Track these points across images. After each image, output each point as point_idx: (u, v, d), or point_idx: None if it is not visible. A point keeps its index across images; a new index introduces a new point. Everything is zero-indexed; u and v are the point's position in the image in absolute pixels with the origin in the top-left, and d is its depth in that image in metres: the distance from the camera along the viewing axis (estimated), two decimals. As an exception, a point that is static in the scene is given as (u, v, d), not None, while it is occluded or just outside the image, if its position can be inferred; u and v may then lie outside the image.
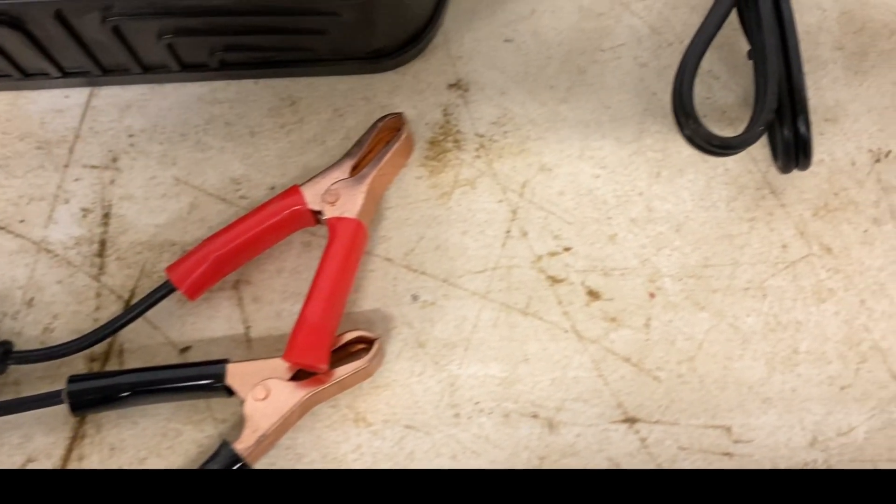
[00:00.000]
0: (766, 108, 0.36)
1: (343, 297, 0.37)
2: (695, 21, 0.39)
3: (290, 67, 0.41)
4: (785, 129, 0.37)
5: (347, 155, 0.39)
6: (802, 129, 0.37)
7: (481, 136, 0.41)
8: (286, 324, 0.38)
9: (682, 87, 0.36)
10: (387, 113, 0.40)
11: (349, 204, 0.37)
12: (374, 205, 0.39)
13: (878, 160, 0.40)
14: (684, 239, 0.39)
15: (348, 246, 0.36)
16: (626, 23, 0.42)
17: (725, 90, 0.41)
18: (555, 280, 0.39)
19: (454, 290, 0.39)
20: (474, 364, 0.38)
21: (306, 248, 0.39)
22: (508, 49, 0.42)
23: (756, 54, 0.38)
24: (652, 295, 0.38)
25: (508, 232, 0.39)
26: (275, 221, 0.38)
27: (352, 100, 0.41)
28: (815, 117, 0.40)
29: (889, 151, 0.40)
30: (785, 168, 0.38)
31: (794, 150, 0.37)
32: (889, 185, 0.39)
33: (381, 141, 0.39)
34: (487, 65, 0.42)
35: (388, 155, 0.38)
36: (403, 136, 0.39)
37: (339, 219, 0.37)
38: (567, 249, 0.39)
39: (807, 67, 0.41)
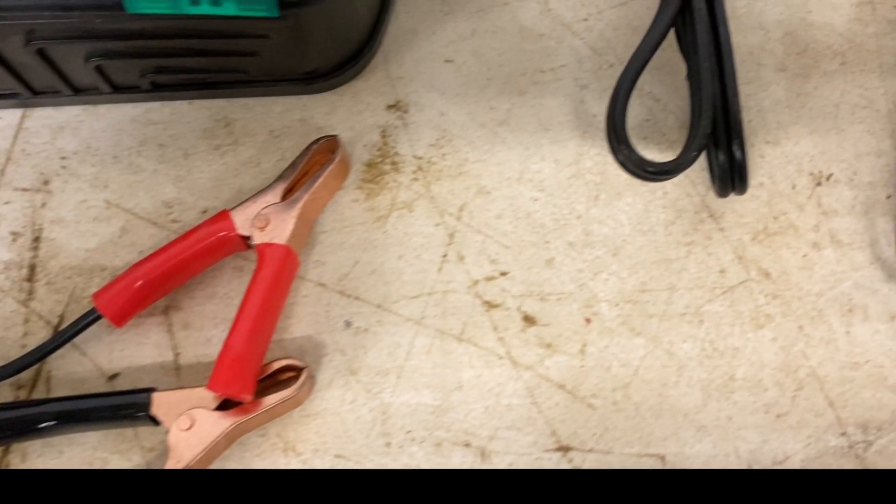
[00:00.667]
0: (700, 132, 0.36)
1: (270, 326, 0.36)
2: (636, 42, 0.38)
3: (224, 89, 0.40)
4: (720, 153, 0.36)
5: (280, 178, 0.38)
6: (738, 153, 0.36)
7: (420, 158, 0.40)
8: (216, 351, 0.37)
9: (615, 113, 0.36)
10: (322, 135, 0.39)
11: (279, 230, 0.37)
12: (307, 229, 0.38)
13: (818, 184, 0.39)
14: (622, 263, 0.39)
15: (276, 273, 0.36)
16: (567, 44, 0.42)
17: (666, 112, 0.41)
18: (491, 305, 0.38)
19: (388, 316, 0.38)
20: (407, 392, 0.37)
21: (238, 273, 0.39)
22: (449, 70, 0.42)
23: (692, 77, 0.37)
24: (588, 320, 0.38)
25: (445, 256, 0.39)
26: (204, 247, 0.37)
27: (288, 121, 0.41)
28: (755, 140, 0.40)
29: (830, 175, 0.40)
30: (722, 193, 0.37)
31: (729, 175, 0.37)
32: (829, 210, 0.39)
33: (315, 164, 0.39)
34: (427, 85, 0.41)
35: (321, 179, 0.38)
36: (338, 160, 0.38)
37: (267, 245, 0.36)
38: (504, 274, 0.39)
39: (748, 89, 0.41)
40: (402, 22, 0.42)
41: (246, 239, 0.37)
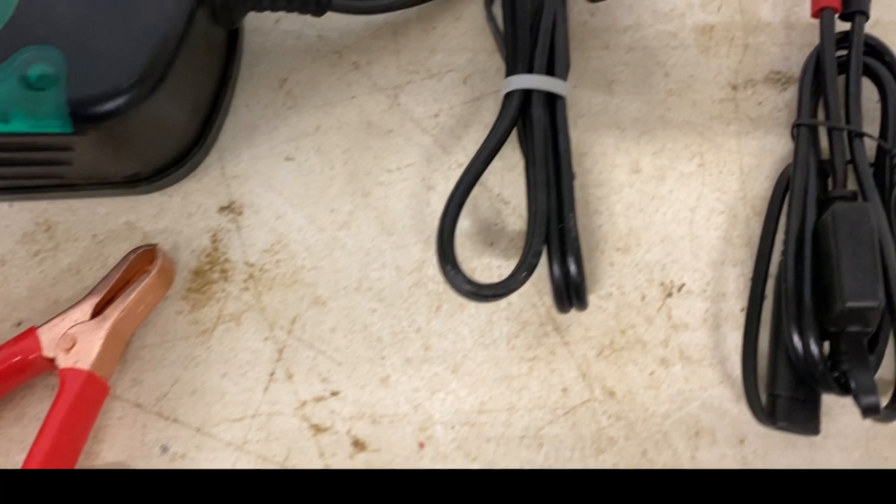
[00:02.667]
0: (531, 251, 0.34)
1: (68, 458, 0.33)
2: (485, 141, 0.37)
3: (44, 191, 0.38)
4: (556, 268, 0.35)
5: (91, 293, 0.36)
6: (573, 270, 0.34)
7: (251, 265, 0.38)
8: (19, 480, 0.34)
9: (443, 229, 0.34)
10: (141, 244, 0.37)
11: (84, 352, 0.34)
12: (120, 348, 0.36)
13: (669, 294, 0.38)
14: (461, 381, 0.36)
15: (74, 403, 0.33)
16: (416, 141, 0.40)
17: (515, 216, 0.39)
18: (318, 429, 0.36)
19: (208, 441, 0.36)
20: (223, 524, 0.35)
21: (51, 393, 0.36)
22: (289, 168, 0.39)
23: (528, 190, 0.35)
24: (422, 445, 0.36)
25: (272, 374, 0.37)
26: (7, 368, 0.34)
27: (113, 225, 0.38)
28: (605, 246, 0.38)
29: (682, 285, 0.38)
30: (560, 309, 0.35)
31: (565, 292, 0.35)
32: (680, 323, 0.37)
33: (134, 275, 0.36)
34: (265, 185, 0.39)
35: (136, 294, 0.35)
36: (155, 272, 0.36)
37: (69, 370, 0.34)
38: (335, 394, 0.36)
39: (600, 192, 0.39)
40: (241, 116, 0.40)
41: (52, 361, 0.34)
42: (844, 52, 0.39)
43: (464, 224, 0.38)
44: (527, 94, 0.36)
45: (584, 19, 0.41)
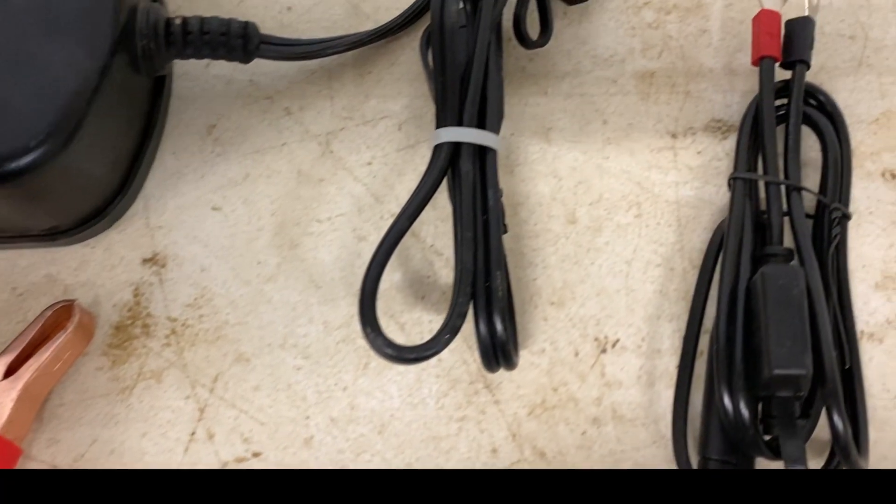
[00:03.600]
0: (456, 311, 0.33)
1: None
2: (418, 191, 0.36)
3: (-40, 242, 0.37)
4: (482, 327, 0.34)
5: (4, 351, 0.35)
6: (500, 329, 0.33)
7: (174, 320, 0.37)
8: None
9: (365, 287, 0.33)
10: (63, 298, 0.36)
11: (-7, 415, 0.33)
12: (34, 408, 0.35)
13: (604, 350, 0.37)
14: (387, 442, 0.35)
15: (-22, 470, 0.32)
16: (347, 190, 0.39)
17: (448, 268, 0.38)
18: (239, 491, 0.35)
19: (124, 505, 0.35)
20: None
21: (-38, 454, 0.35)
22: (215, 218, 0.38)
23: (454, 248, 0.34)
24: (345, 508, 0.35)
25: (193, 434, 0.35)
26: (-86, 431, 0.33)
27: (34, 277, 0.37)
28: (539, 300, 0.37)
29: (617, 341, 0.37)
30: (488, 369, 0.34)
31: (492, 352, 0.34)
32: (613, 380, 0.36)
33: (54, 330, 0.35)
34: (190, 236, 0.38)
35: (52, 351, 0.34)
36: (73, 328, 0.35)
37: (-24, 435, 0.33)
38: (256, 455, 0.35)
39: (535, 243, 0.38)
40: (167, 164, 0.39)
41: (-39, 423, 0.33)
42: (786, 101, 0.38)
43: (394, 277, 0.38)
44: (456, 146, 0.35)
45: (523, 65, 0.40)
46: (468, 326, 0.33)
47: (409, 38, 0.41)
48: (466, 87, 0.36)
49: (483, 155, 0.36)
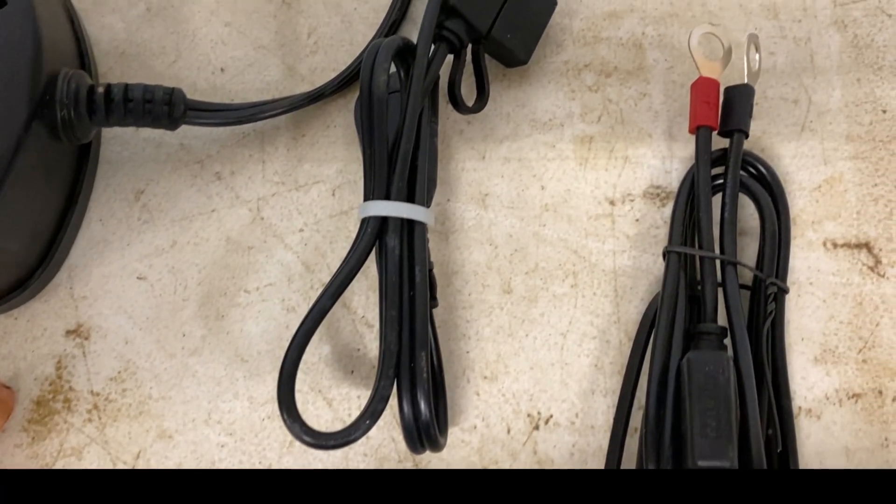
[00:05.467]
0: (378, 395, 0.32)
1: None
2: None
3: None
4: (406, 408, 0.33)
5: (-85, 433, 0.34)
6: (424, 412, 0.33)
7: (97, 394, 0.36)
8: None
9: (283, 374, 0.32)
10: (-21, 374, 0.35)
11: None
12: (-55, 491, 0.34)
13: (536, 427, 0.36)
14: (311, 523, 0.35)
15: None
16: (277, 258, 0.38)
17: (378, 341, 0.37)
18: (157, 576, 0.34)
19: (37, 590, 0.34)
20: None
21: None
22: (140, 288, 0.37)
23: (379, 327, 0.34)
24: None
25: (112, 515, 0.35)
26: None
27: (-48, 350, 0.36)
28: (472, 374, 0.37)
29: (550, 417, 0.36)
30: (413, 451, 0.34)
31: (416, 435, 0.33)
32: (545, 458, 0.35)
33: (-33, 408, 0.35)
34: (114, 307, 0.37)
35: (-36, 432, 0.34)
36: (-13, 407, 0.34)
37: None
38: (176, 537, 0.34)
39: (469, 314, 0.37)
40: (93, 231, 0.38)
41: None
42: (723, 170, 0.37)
43: (323, 350, 0.37)
44: (383, 220, 0.34)
45: (461, 128, 0.40)
46: (396, 402, 0.33)
47: (346, 100, 0.40)
48: (395, 158, 0.35)
49: (411, 229, 0.35)
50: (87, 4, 0.40)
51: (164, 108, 0.36)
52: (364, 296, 0.37)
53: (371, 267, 0.36)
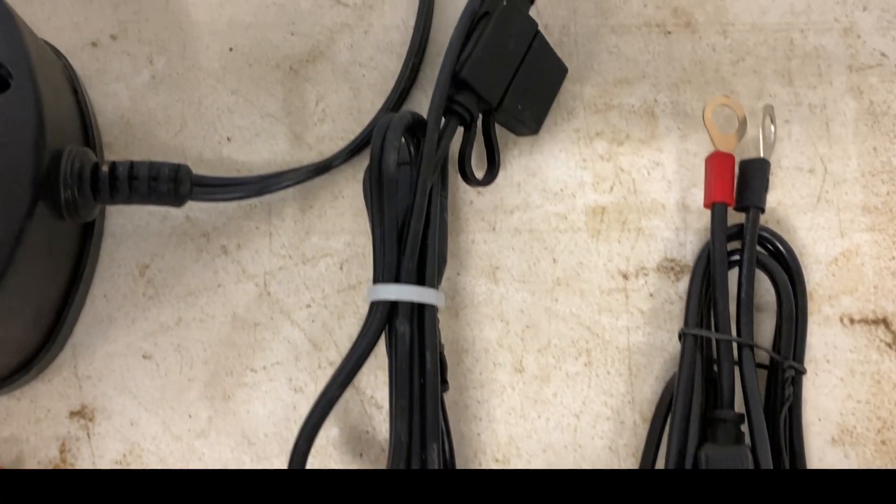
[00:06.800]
0: (388, 490, 0.31)
1: None
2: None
3: None
4: None
5: (-85, 525, 0.33)
6: None
7: (100, 479, 0.35)
8: None
9: (292, 464, 0.31)
10: (-20, 460, 0.34)
11: None
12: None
13: (549, 512, 0.35)
14: None
15: None
16: (284, 335, 0.37)
17: (388, 422, 0.36)
18: None
19: None
20: None
21: None
22: (146, 367, 0.37)
23: (389, 417, 0.33)
24: None
25: None
26: None
27: (-47, 433, 0.36)
28: (483, 457, 0.36)
29: (562, 501, 0.35)
30: (425, 543, 0.33)
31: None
32: (558, 545, 0.35)
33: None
34: (119, 387, 0.36)
35: (-35, 524, 0.33)
36: (-11, 498, 0.33)
37: None
38: None
39: (480, 394, 0.37)
40: (98, 308, 0.37)
41: None
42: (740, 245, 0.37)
43: (331, 432, 0.36)
44: (393, 304, 0.34)
45: (471, 199, 0.39)
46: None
47: (354, 170, 0.39)
48: (405, 238, 0.34)
49: (422, 312, 0.34)
50: (91, 72, 0.40)
51: (169, 185, 0.35)
52: (373, 375, 0.37)
53: (380, 345, 0.35)
